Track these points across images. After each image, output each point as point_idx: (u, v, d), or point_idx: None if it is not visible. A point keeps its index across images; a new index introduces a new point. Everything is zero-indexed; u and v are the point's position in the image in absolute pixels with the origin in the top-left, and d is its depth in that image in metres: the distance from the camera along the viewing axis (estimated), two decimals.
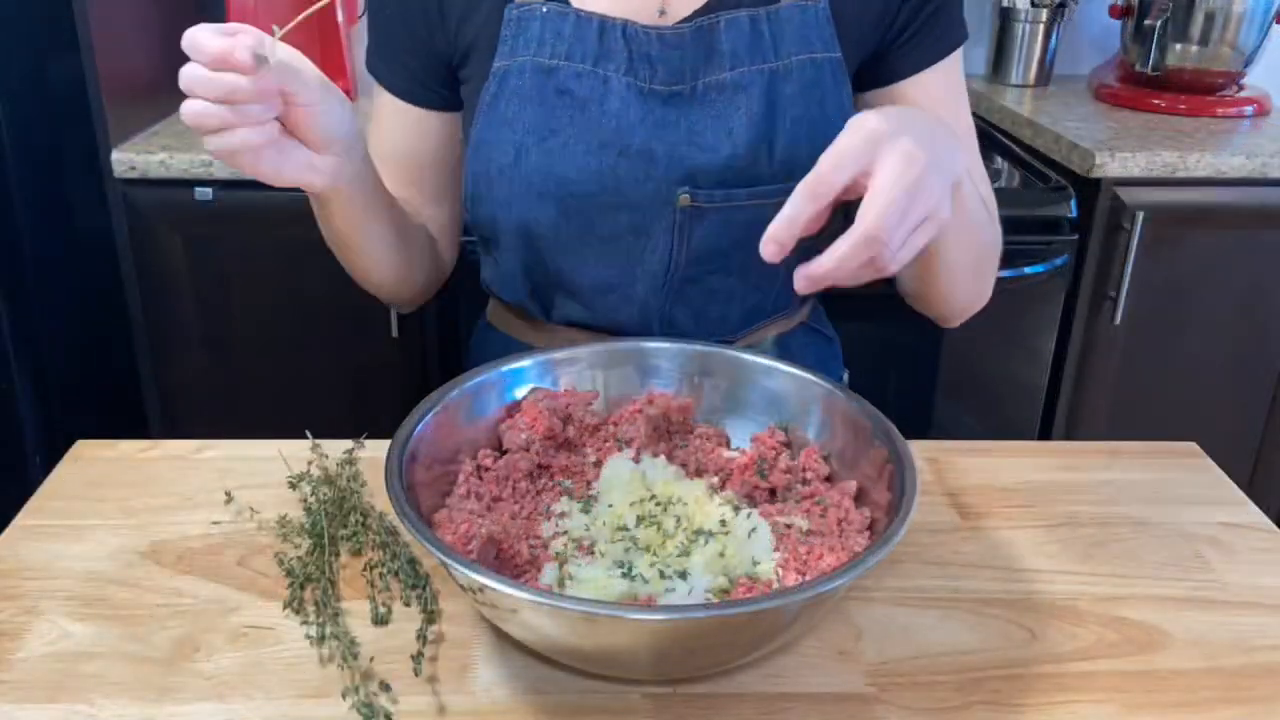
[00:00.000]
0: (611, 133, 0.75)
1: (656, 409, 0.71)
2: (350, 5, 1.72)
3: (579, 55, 0.75)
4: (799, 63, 0.76)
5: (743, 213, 0.77)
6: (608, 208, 0.77)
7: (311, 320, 1.50)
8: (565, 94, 0.75)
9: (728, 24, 0.76)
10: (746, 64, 0.76)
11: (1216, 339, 1.60)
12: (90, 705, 0.56)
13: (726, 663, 0.58)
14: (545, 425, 0.68)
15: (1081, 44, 2.00)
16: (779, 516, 0.65)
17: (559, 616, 0.51)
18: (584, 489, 0.68)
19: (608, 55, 0.75)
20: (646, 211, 0.77)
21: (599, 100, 0.75)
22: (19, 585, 0.65)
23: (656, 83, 0.76)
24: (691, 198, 0.76)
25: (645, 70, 0.76)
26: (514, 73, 0.76)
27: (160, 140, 1.47)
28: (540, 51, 0.75)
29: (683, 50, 0.76)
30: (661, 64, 0.76)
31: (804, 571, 0.60)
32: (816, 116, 0.77)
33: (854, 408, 0.67)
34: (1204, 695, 0.59)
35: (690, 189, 0.76)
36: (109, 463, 0.79)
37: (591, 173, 0.76)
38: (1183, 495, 0.78)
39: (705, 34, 0.76)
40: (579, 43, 0.75)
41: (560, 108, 0.75)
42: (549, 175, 0.76)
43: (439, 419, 0.66)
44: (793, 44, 0.77)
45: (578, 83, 0.75)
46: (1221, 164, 1.49)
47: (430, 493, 0.64)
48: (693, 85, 0.76)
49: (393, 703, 0.57)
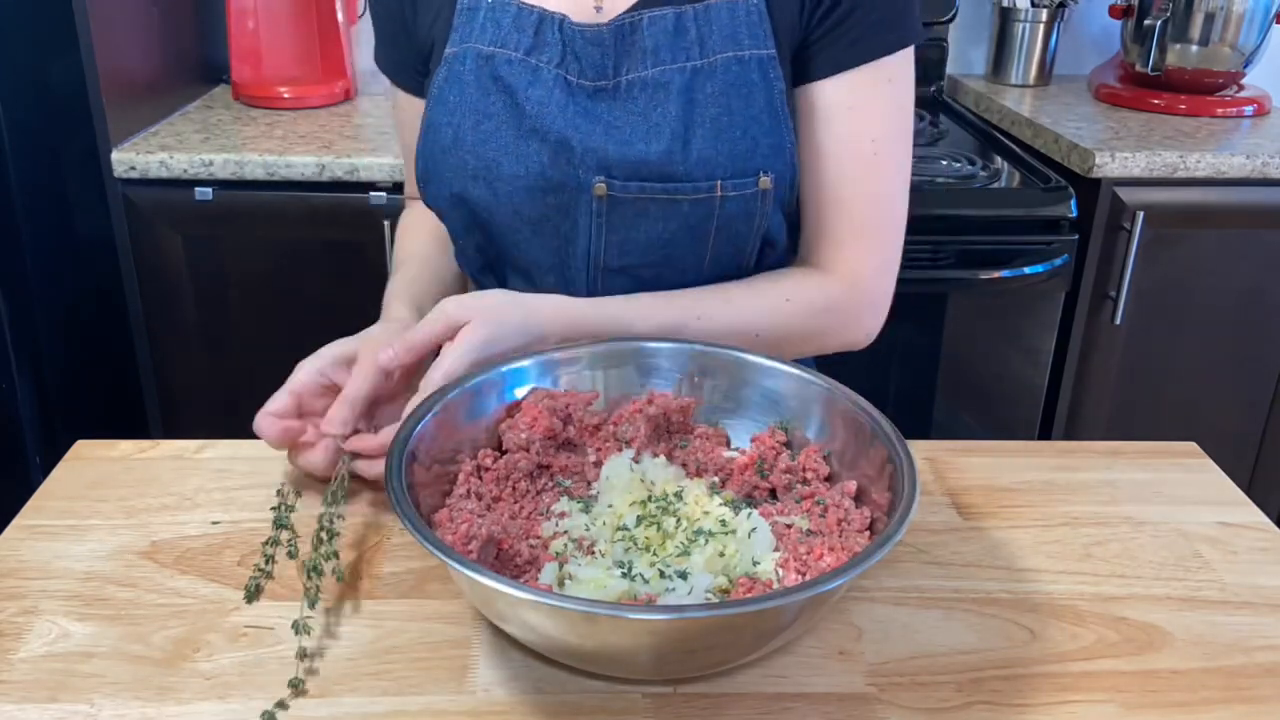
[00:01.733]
0: (535, 120, 0.78)
1: (657, 408, 0.71)
2: (351, 5, 1.72)
3: (513, 44, 0.79)
4: (724, 60, 0.77)
5: (659, 205, 0.79)
6: (534, 190, 0.80)
7: (311, 319, 1.49)
8: (498, 80, 0.79)
9: (650, 21, 0.77)
10: (668, 62, 0.78)
11: (1216, 339, 1.60)
12: (90, 705, 0.56)
13: (727, 663, 0.58)
14: (545, 425, 0.68)
15: (1082, 44, 2.00)
16: (779, 516, 0.65)
17: (558, 616, 0.51)
18: (584, 489, 0.68)
19: (541, 47, 0.79)
20: (567, 197, 0.80)
21: (525, 89, 0.79)
22: (19, 585, 0.65)
23: (583, 78, 0.79)
24: (608, 188, 0.79)
25: (574, 65, 0.79)
26: (458, 59, 0.80)
27: (160, 140, 1.47)
28: (480, 39, 0.80)
29: (603, 47, 0.78)
30: (586, 59, 0.79)
31: (804, 571, 0.60)
32: (739, 115, 0.78)
33: (854, 407, 0.67)
34: (1204, 695, 0.59)
35: (606, 179, 0.78)
36: (109, 463, 0.79)
37: (516, 157, 0.79)
38: (1182, 495, 0.78)
39: (626, 31, 0.78)
40: (515, 32, 0.79)
41: (494, 93, 0.79)
42: (480, 158, 0.80)
43: (439, 419, 0.66)
44: (719, 41, 0.77)
45: (509, 70, 0.79)
46: (1221, 164, 1.49)
47: (431, 492, 0.64)
48: (616, 81, 0.79)
49: None
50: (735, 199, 0.79)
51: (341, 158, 1.42)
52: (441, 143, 0.81)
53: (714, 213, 0.80)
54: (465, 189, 0.81)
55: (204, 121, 1.58)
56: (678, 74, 0.77)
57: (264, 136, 1.50)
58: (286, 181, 1.42)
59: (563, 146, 0.78)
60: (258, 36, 1.65)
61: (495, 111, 0.79)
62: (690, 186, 0.78)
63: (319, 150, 1.44)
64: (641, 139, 0.78)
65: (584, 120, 0.78)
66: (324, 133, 1.53)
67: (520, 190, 0.80)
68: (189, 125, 1.55)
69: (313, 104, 1.66)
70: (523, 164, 0.79)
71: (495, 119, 0.79)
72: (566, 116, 0.78)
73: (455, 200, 0.83)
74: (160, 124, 1.55)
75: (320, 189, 1.44)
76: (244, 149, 1.44)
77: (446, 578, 0.67)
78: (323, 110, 1.65)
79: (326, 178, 1.43)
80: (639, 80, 0.78)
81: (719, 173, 0.78)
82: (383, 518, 0.73)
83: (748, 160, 0.78)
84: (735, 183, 0.79)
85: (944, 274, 1.47)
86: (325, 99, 1.67)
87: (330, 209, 1.47)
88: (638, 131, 0.78)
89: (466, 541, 0.58)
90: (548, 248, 0.84)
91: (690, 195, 0.79)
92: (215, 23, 1.74)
